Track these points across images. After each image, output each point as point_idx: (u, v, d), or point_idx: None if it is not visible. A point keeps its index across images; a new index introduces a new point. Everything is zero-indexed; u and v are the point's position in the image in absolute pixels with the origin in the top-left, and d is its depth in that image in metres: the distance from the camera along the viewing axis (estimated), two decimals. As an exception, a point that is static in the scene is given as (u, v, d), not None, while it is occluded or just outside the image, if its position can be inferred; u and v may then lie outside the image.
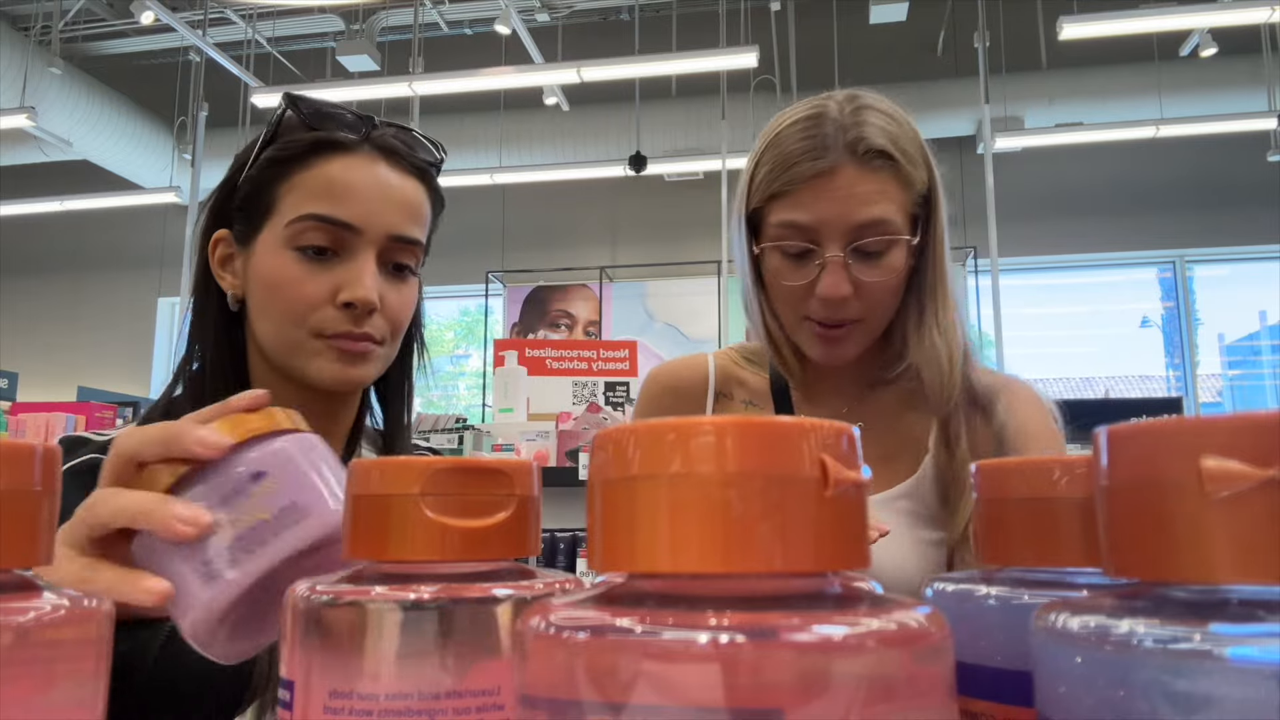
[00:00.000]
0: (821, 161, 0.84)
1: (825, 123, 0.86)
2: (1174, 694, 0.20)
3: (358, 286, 0.76)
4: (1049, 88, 6.80)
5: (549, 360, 4.46)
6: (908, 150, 0.87)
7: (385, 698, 0.29)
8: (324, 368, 0.78)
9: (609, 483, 0.24)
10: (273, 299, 0.77)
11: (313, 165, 0.78)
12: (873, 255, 0.86)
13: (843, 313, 0.87)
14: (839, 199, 0.84)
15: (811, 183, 0.85)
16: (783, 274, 0.88)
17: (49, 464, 0.29)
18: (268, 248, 0.78)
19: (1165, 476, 0.22)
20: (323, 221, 0.76)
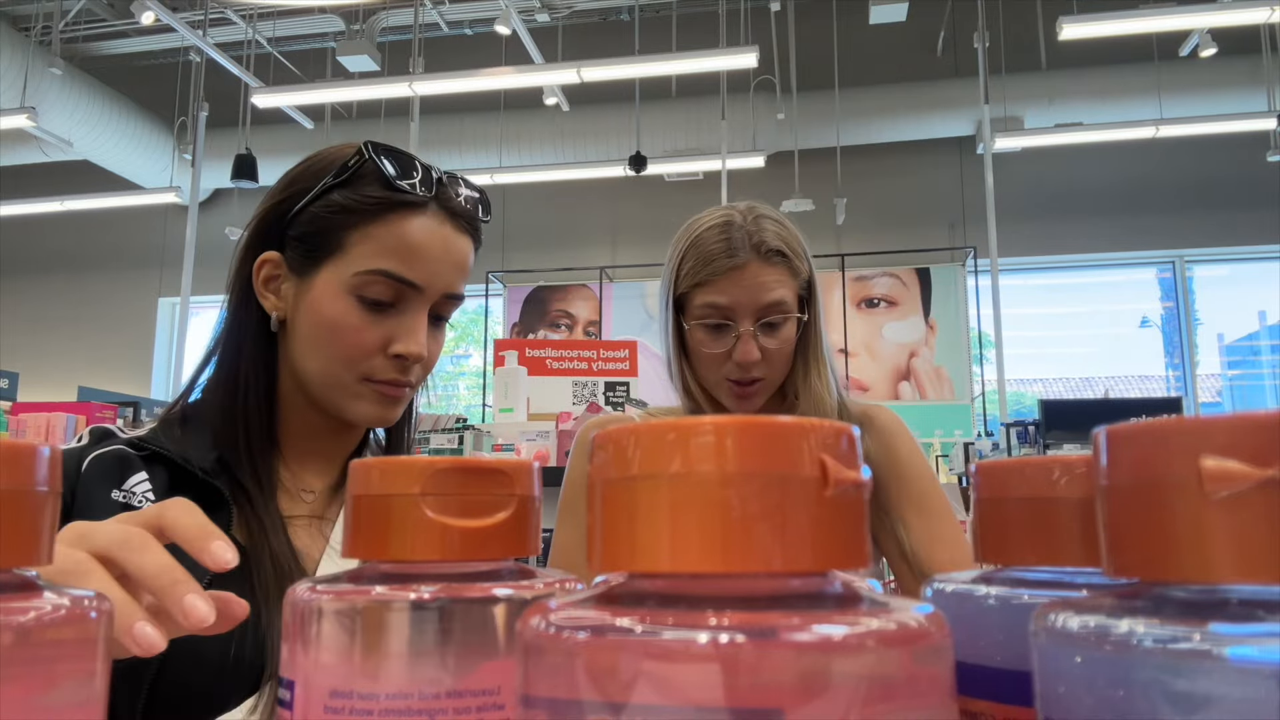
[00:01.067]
0: (735, 259, 1.09)
1: (734, 229, 1.11)
2: (1174, 694, 0.20)
3: (411, 341, 0.82)
4: (1049, 88, 6.80)
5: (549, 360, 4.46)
6: (795, 249, 1.13)
7: (385, 697, 0.29)
8: (365, 409, 0.83)
9: (609, 483, 0.24)
10: (328, 339, 0.81)
11: (388, 220, 0.81)
12: (774, 328, 1.11)
13: (753, 373, 1.11)
14: (748, 287, 1.09)
15: (728, 274, 1.10)
16: (705, 344, 1.13)
17: (50, 464, 0.29)
18: (329, 288, 0.81)
19: (1165, 476, 0.22)
20: (392, 279, 0.81)
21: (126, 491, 0.76)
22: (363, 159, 0.83)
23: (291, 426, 0.87)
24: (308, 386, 0.84)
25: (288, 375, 0.86)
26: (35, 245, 8.57)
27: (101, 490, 0.76)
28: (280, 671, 0.32)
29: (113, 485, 0.77)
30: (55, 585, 0.28)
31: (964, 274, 7.38)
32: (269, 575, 0.76)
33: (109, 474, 0.77)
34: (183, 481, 0.78)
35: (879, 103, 7.08)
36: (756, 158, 6.87)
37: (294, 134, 7.45)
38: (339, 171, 0.82)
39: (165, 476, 0.79)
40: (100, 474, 0.77)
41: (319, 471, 0.90)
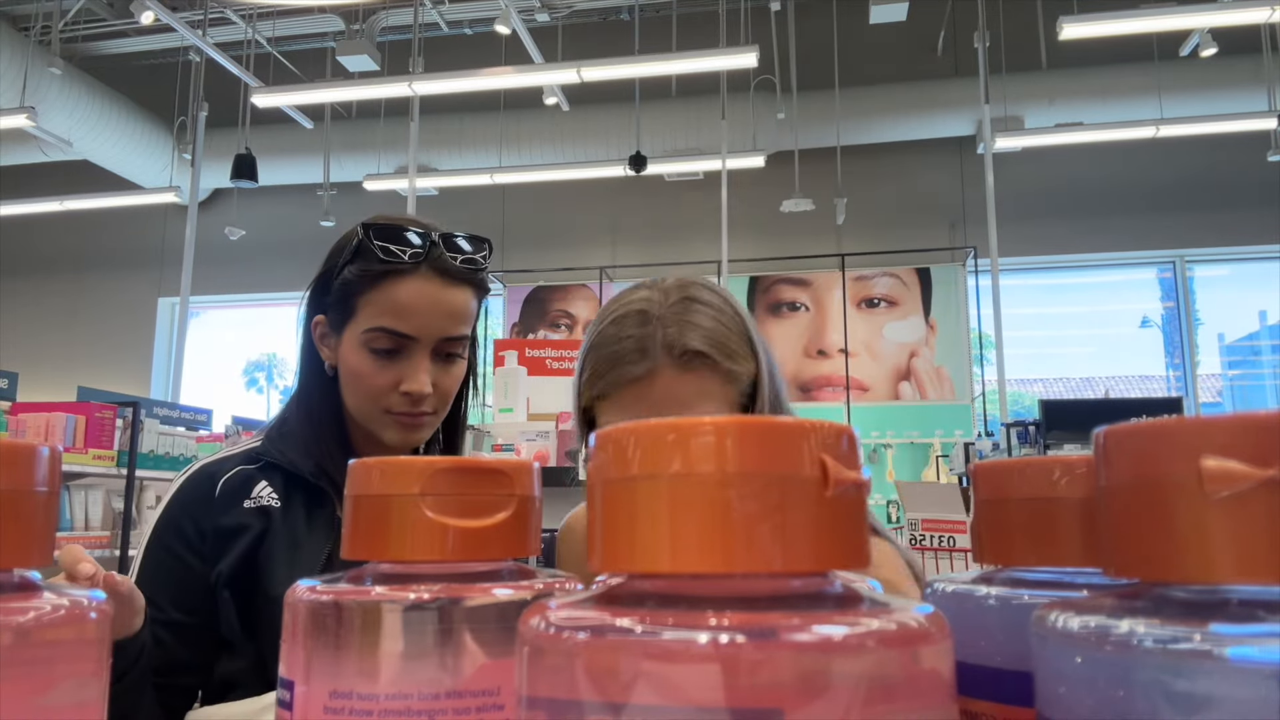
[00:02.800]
0: (639, 366, 0.87)
1: (648, 321, 0.88)
2: (1174, 694, 0.20)
3: (413, 381, 0.99)
4: (1049, 88, 6.80)
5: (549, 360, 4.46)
6: (728, 345, 0.88)
7: (385, 698, 0.29)
8: (391, 435, 1.01)
9: (609, 483, 0.24)
10: (354, 384, 1.01)
11: (383, 287, 0.99)
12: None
13: None
14: (656, 404, 0.86)
15: (631, 388, 0.87)
16: None
17: (50, 464, 0.29)
18: (350, 344, 1.00)
19: (1165, 476, 0.22)
20: (387, 333, 0.99)
21: (254, 498, 0.96)
22: (359, 239, 1.00)
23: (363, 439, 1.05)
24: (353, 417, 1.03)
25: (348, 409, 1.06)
26: (35, 245, 8.56)
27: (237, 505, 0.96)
28: (280, 671, 0.32)
29: (244, 499, 0.96)
30: (55, 585, 0.28)
31: (964, 274, 7.38)
32: None
33: (237, 493, 0.97)
34: (294, 484, 0.98)
35: (879, 103, 7.08)
36: (756, 157, 6.87)
37: (294, 134, 7.45)
38: (348, 253, 1.01)
39: (281, 481, 0.98)
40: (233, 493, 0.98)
41: None
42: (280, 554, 0.93)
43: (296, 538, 0.95)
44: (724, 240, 6.44)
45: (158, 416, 4.65)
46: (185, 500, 0.97)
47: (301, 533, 0.96)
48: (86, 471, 3.98)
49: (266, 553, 0.93)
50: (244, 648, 0.92)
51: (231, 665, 0.92)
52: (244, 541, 0.93)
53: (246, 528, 0.94)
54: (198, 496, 0.97)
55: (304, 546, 0.94)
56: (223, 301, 8.53)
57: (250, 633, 0.92)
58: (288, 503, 0.97)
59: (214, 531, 0.94)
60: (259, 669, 0.90)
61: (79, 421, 3.98)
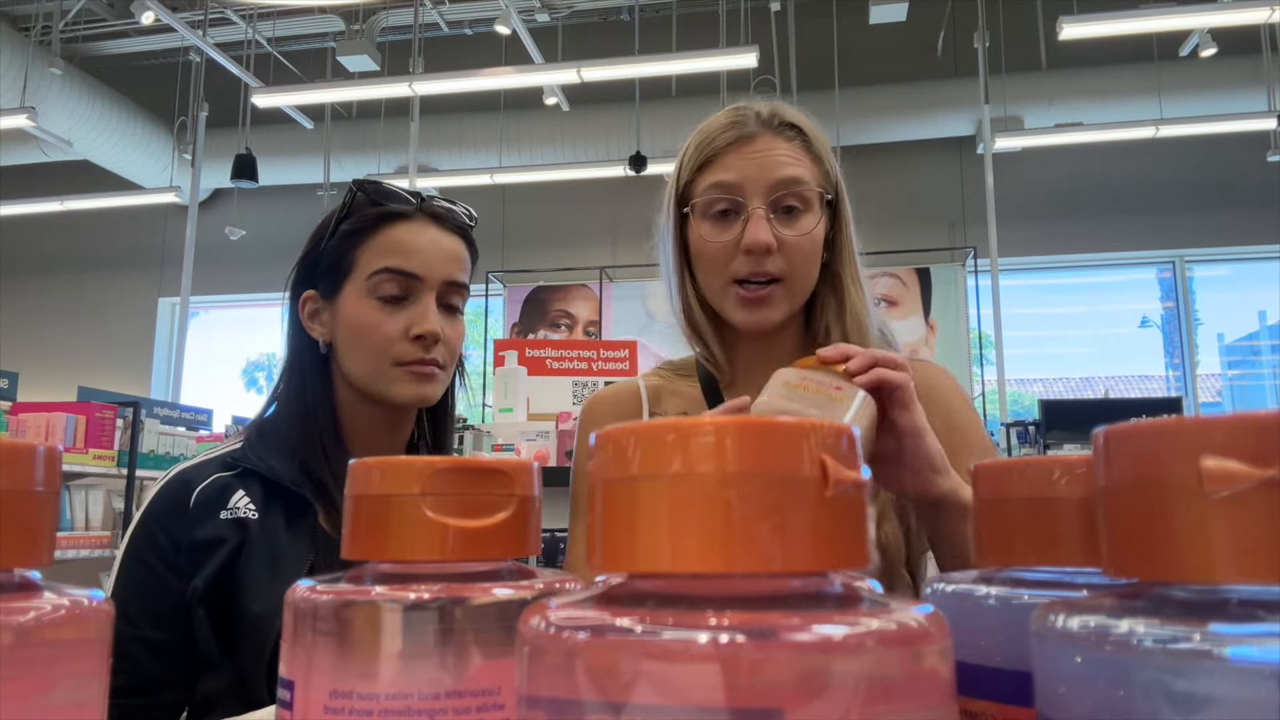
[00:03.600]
0: (742, 130, 0.95)
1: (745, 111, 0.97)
2: (1174, 694, 0.20)
3: (425, 322, 0.97)
4: (1049, 88, 6.80)
5: (549, 360, 4.46)
6: (818, 137, 0.98)
7: (385, 698, 0.29)
8: (404, 389, 0.98)
9: (609, 483, 0.24)
10: (360, 338, 0.97)
11: (382, 232, 0.98)
12: (791, 212, 0.94)
13: (765, 265, 0.92)
14: (758, 159, 0.93)
15: (733, 147, 0.94)
16: (709, 235, 0.95)
17: (50, 464, 0.29)
18: (352, 299, 0.98)
19: (1165, 476, 0.22)
20: (394, 273, 0.97)
21: (231, 509, 0.92)
22: (353, 193, 1.00)
23: (356, 430, 1.02)
24: (357, 386, 0.99)
25: (341, 385, 1.02)
26: (35, 245, 8.56)
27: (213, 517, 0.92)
28: (280, 671, 0.32)
29: (220, 509, 0.92)
30: (55, 585, 0.28)
31: (964, 274, 7.38)
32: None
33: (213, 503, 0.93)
34: (274, 492, 0.94)
35: (879, 103, 7.07)
36: (756, 158, 6.86)
37: (294, 134, 7.45)
38: (340, 209, 1.01)
39: (260, 489, 0.94)
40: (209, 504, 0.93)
41: None
42: (258, 568, 0.89)
43: (276, 550, 0.90)
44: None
45: (158, 416, 4.65)
46: (160, 511, 0.92)
47: (282, 544, 0.91)
48: (86, 471, 3.98)
49: (244, 567, 0.89)
50: (223, 666, 0.87)
51: (211, 684, 0.88)
52: (220, 556, 0.89)
53: (222, 541, 0.89)
54: (172, 507, 0.92)
55: (284, 559, 0.90)
56: (223, 301, 8.53)
57: (228, 650, 0.87)
58: (266, 513, 0.92)
59: (189, 545, 0.90)
60: (239, 688, 0.86)
61: (79, 421, 3.98)
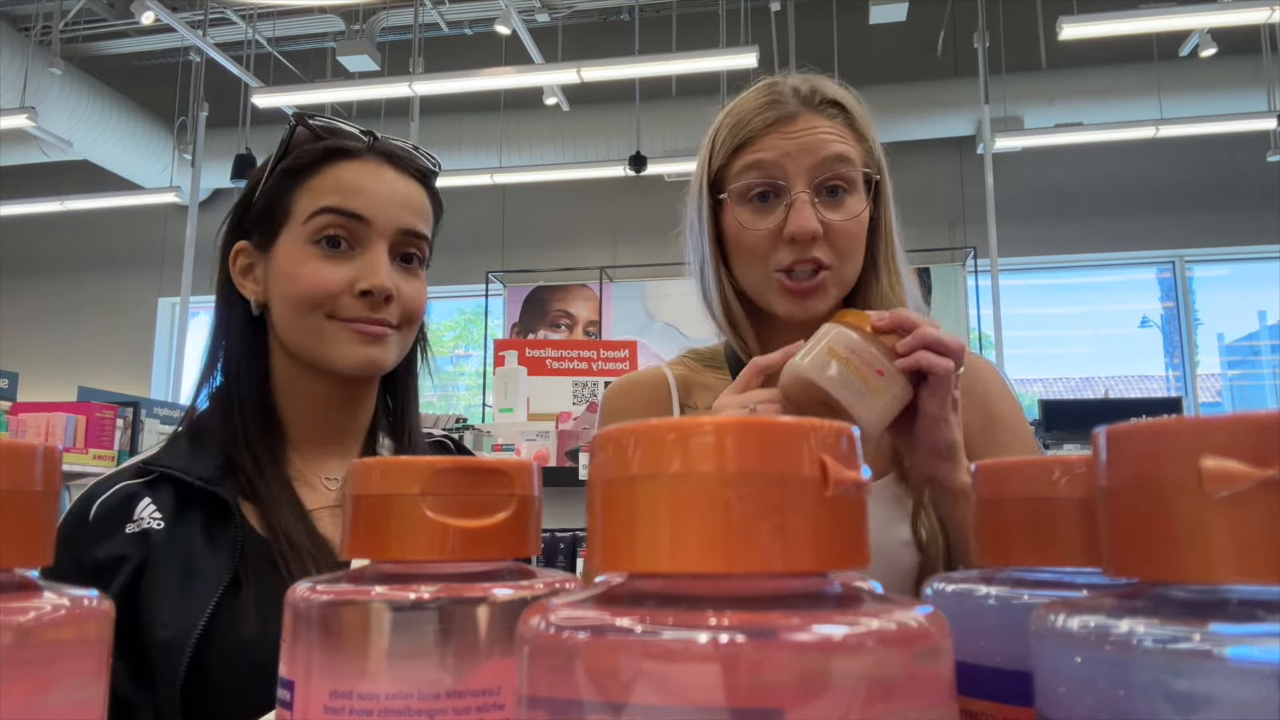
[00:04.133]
0: (781, 109, 0.88)
1: (781, 87, 0.91)
2: (1174, 694, 0.20)
3: (373, 275, 0.83)
4: (1049, 88, 6.80)
5: (549, 360, 4.46)
6: (861, 114, 0.92)
7: (385, 697, 0.29)
8: (346, 352, 0.84)
9: (609, 483, 0.24)
10: (294, 289, 0.83)
11: (324, 171, 0.85)
12: (836, 194, 0.87)
13: (811, 253, 0.86)
14: (800, 139, 0.86)
15: (773, 127, 0.87)
16: (748, 222, 0.88)
17: (49, 464, 0.29)
18: (288, 247, 0.84)
19: (1165, 476, 0.22)
20: (336, 214, 0.83)
21: (136, 521, 0.79)
22: (293, 127, 0.87)
23: (298, 412, 0.88)
24: (295, 351, 0.86)
25: (279, 354, 0.88)
26: (35, 245, 8.56)
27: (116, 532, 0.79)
28: (280, 671, 0.32)
29: (125, 523, 0.80)
30: (55, 585, 0.28)
31: (964, 274, 7.38)
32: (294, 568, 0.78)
33: (117, 516, 0.80)
34: (189, 495, 0.80)
35: (879, 103, 6.98)
36: (756, 158, 6.86)
37: (294, 134, 7.44)
38: (279, 148, 0.87)
39: (171, 494, 0.81)
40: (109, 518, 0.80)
41: (338, 455, 0.91)
42: (165, 588, 0.75)
43: (189, 564, 0.76)
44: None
45: (158, 416, 4.65)
46: (64, 531, 0.78)
47: (197, 557, 0.77)
48: (86, 471, 3.98)
49: (148, 588, 0.76)
50: (141, 701, 0.74)
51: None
52: (121, 577, 0.76)
53: (124, 559, 0.76)
54: (73, 525, 0.80)
55: (198, 574, 0.76)
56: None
57: (143, 684, 0.74)
58: (178, 521, 0.78)
59: (91, 566, 0.76)
60: None
61: (79, 421, 3.98)
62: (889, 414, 0.70)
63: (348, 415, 0.91)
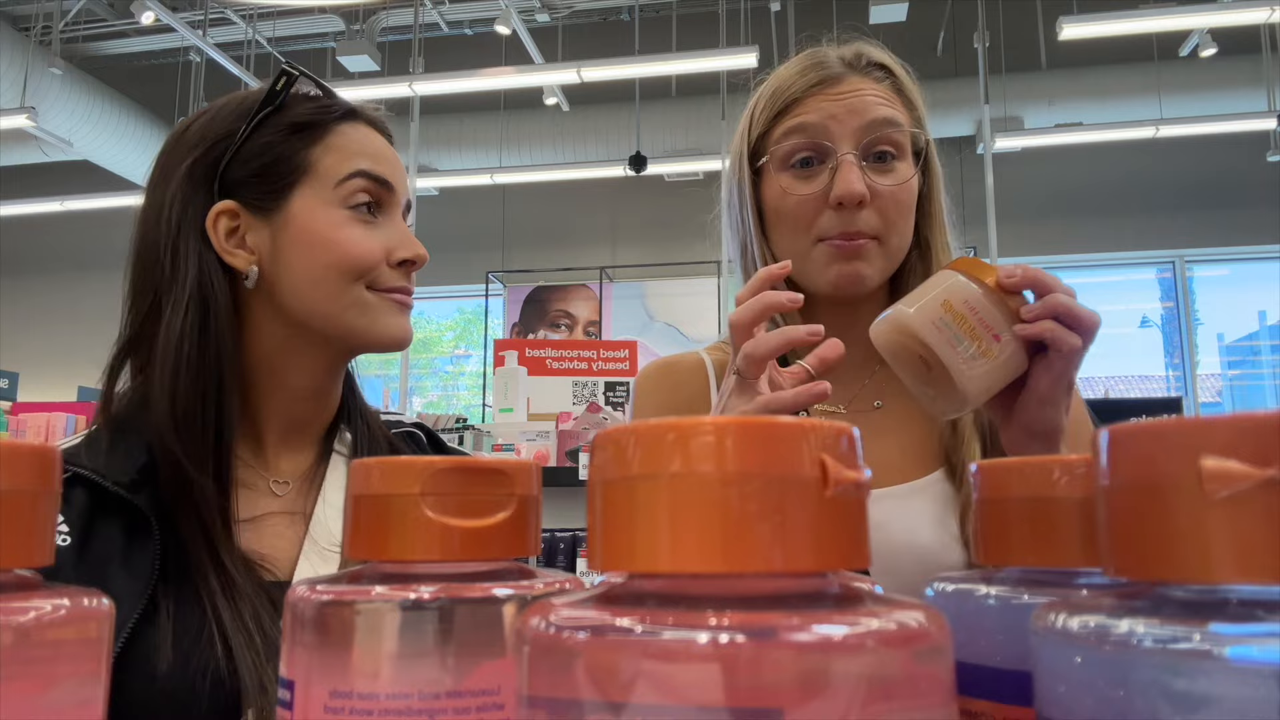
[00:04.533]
0: (825, 71, 0.84)
1: (824, 53, 0.87)
2: (1174, 694, 0.20)
3: (412, 244, 0.80)
4: (1049, 88, 6.80)
5: (549, 360, 4.46)
6: (909, 80, 0.88)
7: (385, 697, 0.29)
8: (389, 323, 0.79)
9: (609, 483, 0.24)
10: (330, 256, 0.76)
11: (342, 130, 0.80)
12: (884, 160, 0.83)
13: (859, 222, 0.81)
14: (846, 100, 0.83)
15: (816, 89, 0.83)
16: (792, 189, 0.83)
17: (50, 464, 0.29)
18: (312, 210, 0.77)
19: (1165, 476, 0.22)
20: (370, 179, 0.78)
21: None
22: (291, 79, 0.79)
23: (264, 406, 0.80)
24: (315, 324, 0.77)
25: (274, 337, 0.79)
26: (35, 245, 8.56)
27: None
28: (280, 671, 0.32)
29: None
30: (55, 585, 0.28)
31: (964, 274, 7.37)
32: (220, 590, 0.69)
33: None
34: (104, 503, 0.70)
35: (879, 103, 7.06)
36: (756, 158, 6.86)
37: (294, 134, 7.43)
38: (267, 99, 0.78)
39: (86, 500, 0.69)
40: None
41: (295, 455, 0.84)
42: None
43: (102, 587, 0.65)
44: (724, 240, 6.44)
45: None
46: None
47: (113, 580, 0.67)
48: (86, 471, 3.97)
49: None
50: None
51: None
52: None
53: None
54: None
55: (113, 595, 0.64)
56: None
57: None
58: (91, 534, 0.69)
59: None
60: None
61: (79, 421, 3.98)
62: (996, 386, 0.63)
63: (321, 405, 0.85)
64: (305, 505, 0.82)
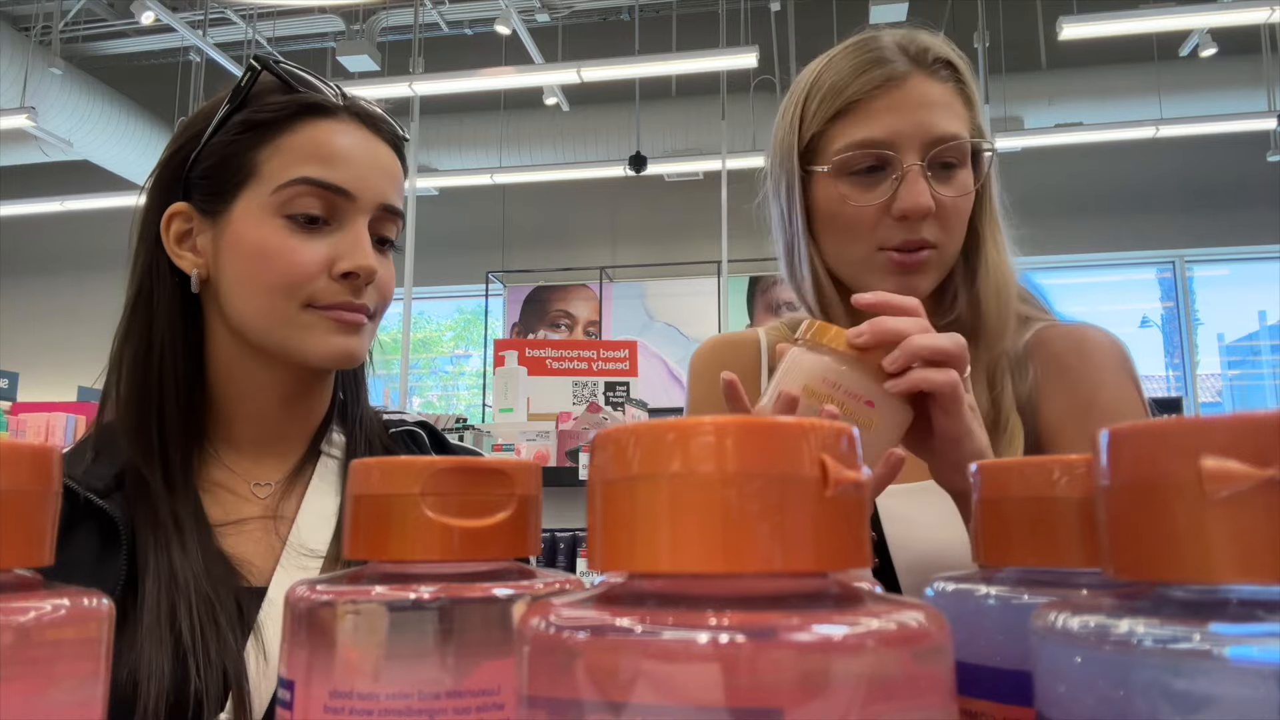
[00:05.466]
0: (890, 68, 0.79)
1: (882, 41, 0.82)
2: (1174, 694, 0.20)
3: (359, 255, 0.73)
4: (1049, 88, 6.80)
5: (549, 360, 4.46)
6: (970, 77, 0.84)
7: (385, 698, 0.29)
8: (322, 342, 0.73)
9: (609, 483, 0.24)
10: (261, 270, 0.71)
11: (297, 128, 0.73)
12: (948, 169, 0.80)
13: (921, 232, 0.79)
14: (913, 107, 0.78)
15: (880, 91, 0.79)
16: (851, 198, 0.80)
17: (50, 464, 0.29)
18: (250, 216, 0.72)
19: (1165, 476, 0.22)
20: (316, 186, 0.72)
21: None
22: (255, 72, 0.74)
23: (239, 408, 0.78)
24: (251, 336, 0.74)
25: (222, 335, 0.76)
26: (35, 245, 8.56)
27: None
28: (280, 671, 0.32)
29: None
30: (55, 585, 0.28)
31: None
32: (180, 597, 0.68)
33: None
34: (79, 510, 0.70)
35: (879, 103, 7.05)
36: (756, 158, 6.85)
37: (294, 134, 7.43)
38: (233, 95, 0.74)
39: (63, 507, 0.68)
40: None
41: (276, 458, 0.81)
42: None
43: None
44: (724, 240, 6.44)
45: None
46: None
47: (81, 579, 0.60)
48: (86, 471, 3.98)
49: None
50: None
51: None
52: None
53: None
54: None
55: None
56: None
57: None
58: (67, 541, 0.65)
59: None
60: None
61: (79, 421, 3.98)
62: (889, 444, 0.60)
63: (299, 412, 0.81)
64: (288, 509, 0.79)
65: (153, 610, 0.68)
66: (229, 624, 0.69)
